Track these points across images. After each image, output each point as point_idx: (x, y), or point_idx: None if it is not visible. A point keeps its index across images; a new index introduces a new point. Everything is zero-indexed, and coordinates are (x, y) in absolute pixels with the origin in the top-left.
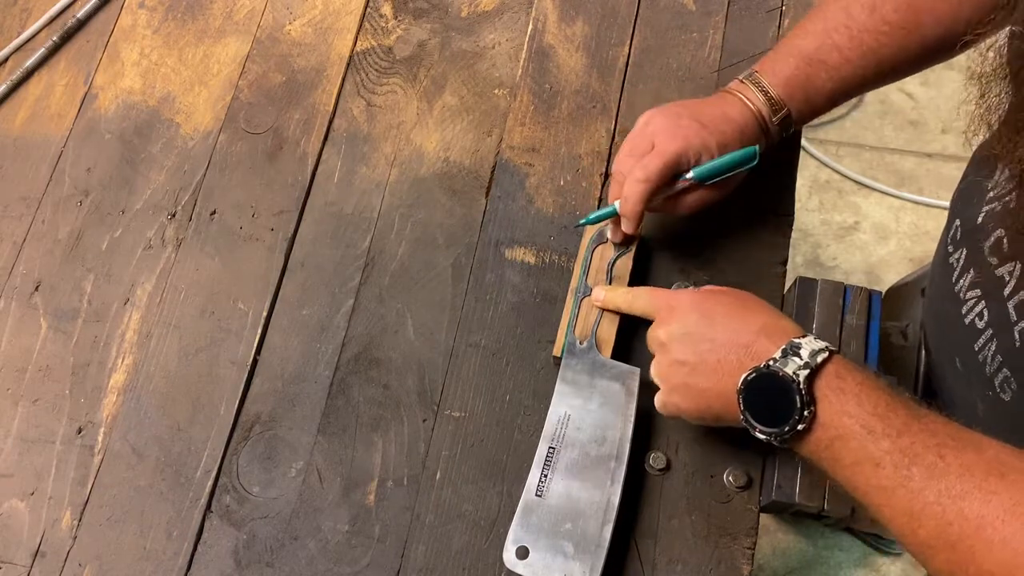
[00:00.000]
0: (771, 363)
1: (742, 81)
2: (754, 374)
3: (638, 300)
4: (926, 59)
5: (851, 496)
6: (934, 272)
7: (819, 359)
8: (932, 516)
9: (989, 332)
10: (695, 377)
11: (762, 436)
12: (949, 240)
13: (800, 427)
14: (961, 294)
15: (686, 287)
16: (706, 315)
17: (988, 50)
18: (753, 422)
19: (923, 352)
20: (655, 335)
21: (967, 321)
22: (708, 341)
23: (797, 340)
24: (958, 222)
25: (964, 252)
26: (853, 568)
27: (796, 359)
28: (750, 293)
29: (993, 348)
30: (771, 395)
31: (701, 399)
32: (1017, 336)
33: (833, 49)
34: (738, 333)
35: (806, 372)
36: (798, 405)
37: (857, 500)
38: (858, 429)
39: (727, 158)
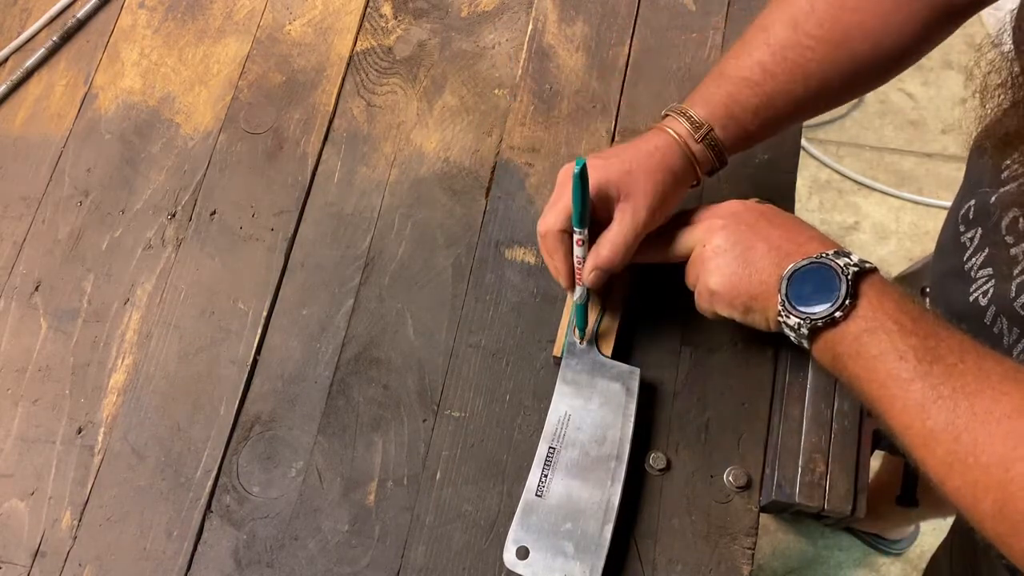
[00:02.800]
0: (822, 256)
1: (666, 114)
2: (805, 263)
3: (675, 248)
4: (860, 76)
5: (861, 390)
6: (940, 253)
7: (866, 266)
8: (943, 409)
9: (993, 309)
10: (739, 262)
11: (794, 321)
12: (960, 219)
13: (837, 314)
14: (972, 272)
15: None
16: (763, 215)
17: (992, 56)
18: (791, 304)
19: None
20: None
21: (971, 299)
22: (763, 232)
23: (847, 250)
24: (973, 202)
25: (979, 231)
26: (853, 568)
27: (847, 259)
28: None
29: (1003, 324)
30: (816, 284)
31: (740, 282)
32: (1018, 311)
33: (755, 66)
34: (794, 232)
35: (855, 269)
36: (842, 293)
37: (867, 394)
38: (891, 324)
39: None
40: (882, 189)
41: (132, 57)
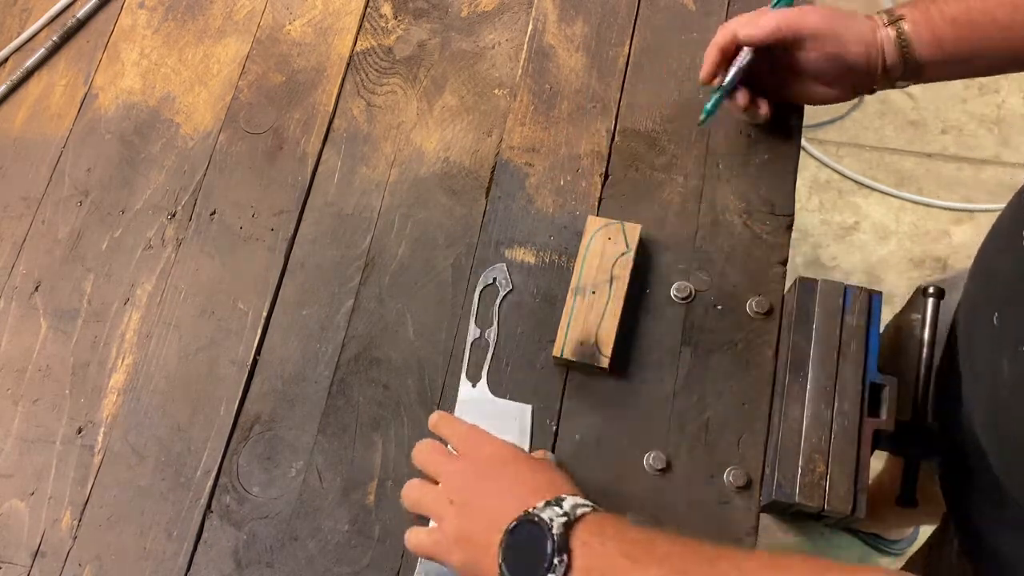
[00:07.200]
0: (531, 511)
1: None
2: (515, 523)
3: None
4: None
5: None
6: (1000, 228)
7: (579, 512)
8: None
9: None
10: (469, 520)
11: None
12: None
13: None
14: None
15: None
16: (497, 464)
17: None
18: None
19: (957, 316)
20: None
21: None
22: (491, 490)
23: (563, 495)
24: None
25: None
26: None
27: (557, 508)
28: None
29: None
30: (529, 545)
31: (469, 548)
32: None
33: None
34: (516, 486)
35: (563, 520)
36: (549, 551)
37: None
38: (621, 560)
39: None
40: (882, 189)
41: (132, 57)
